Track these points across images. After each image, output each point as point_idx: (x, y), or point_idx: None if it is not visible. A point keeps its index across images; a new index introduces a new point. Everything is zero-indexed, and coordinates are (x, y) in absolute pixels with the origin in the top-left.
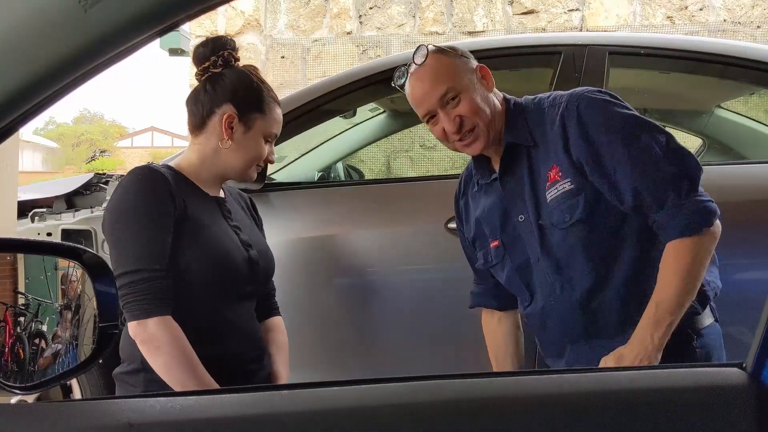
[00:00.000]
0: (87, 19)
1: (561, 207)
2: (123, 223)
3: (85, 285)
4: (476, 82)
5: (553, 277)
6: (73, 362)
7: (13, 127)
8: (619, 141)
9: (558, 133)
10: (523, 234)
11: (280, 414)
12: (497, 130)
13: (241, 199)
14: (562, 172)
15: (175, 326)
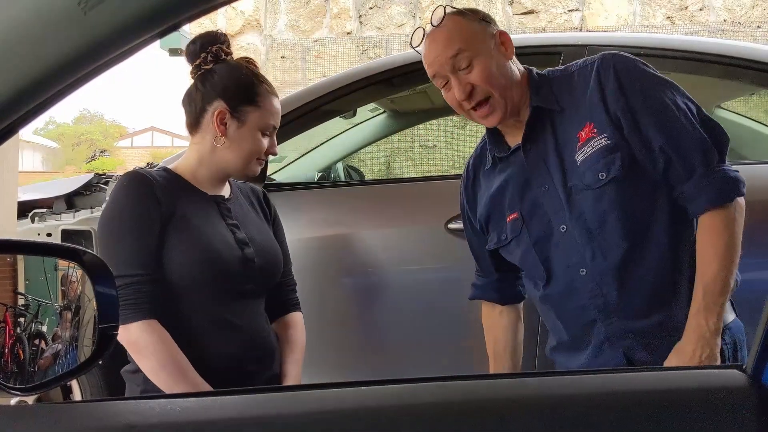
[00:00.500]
0: (86, 21)
1: (596, 165)
2: (108, 230)
3: (85, 286)
4: (493, 48)
5: (584, 244)
6: (73, 363)
7: (13, 129)
8: (653, 99)
9: (594, 90)
10: (547, 203)
11: (280, 416)
12: (514, 101)
13: (252, 195)
14: (597, 128)
15: (160, 330)
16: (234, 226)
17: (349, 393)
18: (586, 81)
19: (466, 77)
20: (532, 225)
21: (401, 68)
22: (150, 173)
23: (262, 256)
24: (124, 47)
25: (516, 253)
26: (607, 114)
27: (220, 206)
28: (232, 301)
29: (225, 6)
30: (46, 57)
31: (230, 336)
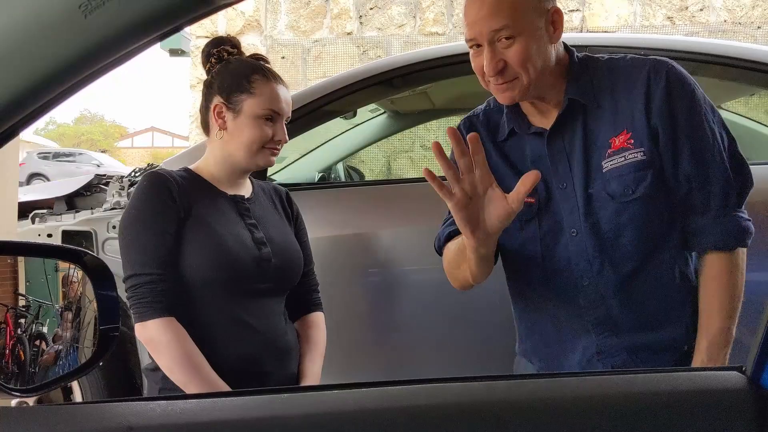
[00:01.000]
0: (87, 24)
1: (625, 178)
2: (126, 230)
3: (86, 287)
4: (542, 27)
5: (594, 255)
6: (74, 365)
7: (14, 131)
8: (696, 123)
9: (640, 97)
10: (561, 202)
11: (280, 417)
12: (542, 85)
13: (275, 195)
14: (635, 139)
15: (176, 328)
16: (252, 225)
17: (348, 395)
18: (632, 83)
19: (502, 52)
20: (544, 218)
21: (401, 69)
22: (170, 174)
23: (279, 256)
24: (124, 50)
25: (517, 237)
26: (649, 126)
27: (238, 206)
28: (247, 300)
29: (226, 8)
30: (47, 60)
31: (245, 335)
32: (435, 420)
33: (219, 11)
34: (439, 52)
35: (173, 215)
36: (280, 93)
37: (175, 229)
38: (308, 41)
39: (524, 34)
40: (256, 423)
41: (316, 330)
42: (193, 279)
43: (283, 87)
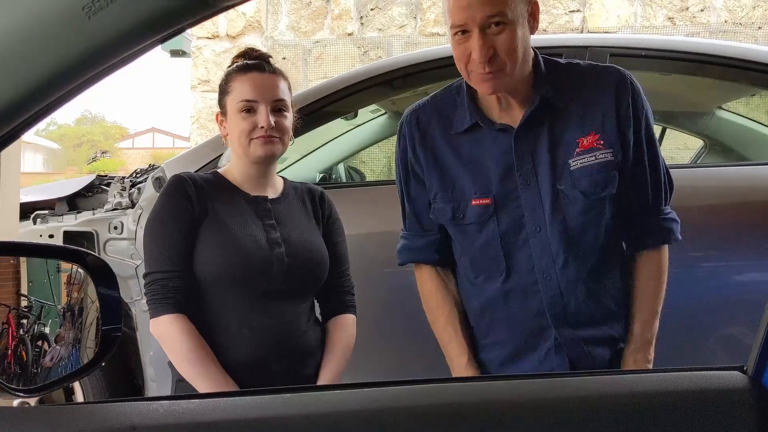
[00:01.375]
0: (90, 26)
1: (595, 177)
2: (145, 229)
3: (88, 288)
4: (526, 17)
5: (558, 251)
6: (76, 365)
7: (17, 133)
8: (651, 131)
9: (610, 103)
10: (524, 199)
11: (281, 417)
12: (518, 79)
13: (307, 195)
14: (604, 141)
15: (185, 324)
16: (270, 226)
17: (349, 395)
18: (599, 89)
19: (493, 39)
20: (502, 216)
21: (402, 70)
22: (191, 176)
23: (295, 257)
24: (127, 51)
25: (475, 238)
26: (618, 130)
27: (259, 206)
28: (258, 300)
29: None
30: (50, 61)
31: (253, 334)
32: (435, 420)
33: (221, 13)
34: (439, 52)
35: (188, 216)
36: (255, 81)
37: (189, 229)
38: (309, 42)
39: (514, 22)
40: (259, 423)
41: (340, 332)
42: (206, 277)
43: (261, 74)
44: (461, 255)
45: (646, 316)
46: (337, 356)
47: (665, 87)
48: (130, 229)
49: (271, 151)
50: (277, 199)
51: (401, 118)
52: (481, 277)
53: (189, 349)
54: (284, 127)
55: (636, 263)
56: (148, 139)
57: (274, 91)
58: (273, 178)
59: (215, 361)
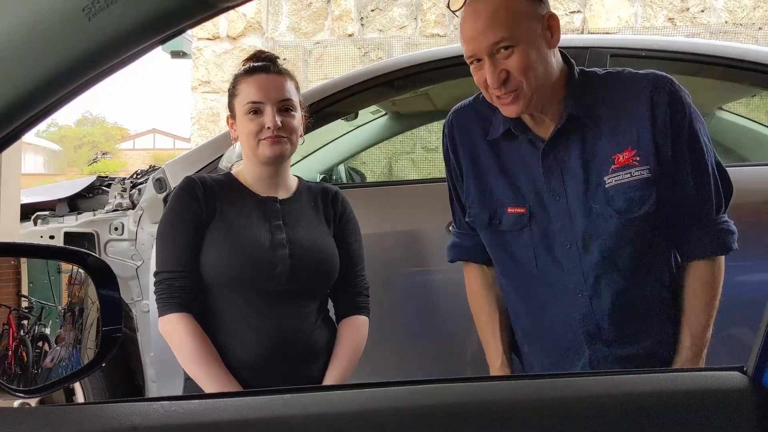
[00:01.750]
0: (90, 27)
1: (630, 194)
2: (158, 231)
3: (89, 289)
4: (539, 33)
5: (591, 269)
6: (77, 366)
7: (17, 134)
8: (694, 139)
9: (645, 116)
10: (554, 214)
11: (282, 418)
12: (544, 95)
13: (320, 195)
14: (640, 157)
15: (189, 323)
16: (277, 227)
17: (350, 395)
18: (634, 100)
19: (503, 63)
20: (536, 227)
21: (403, 70)
22: (201, 178)
23: (300, 258)
24: (127, 52)
25: (510, 246)
26: (654, 144)
27: (268, 207)
28: (263, 301)
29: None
30: (50, 62)
31: (257, 334)
32: (436, 420)
33: (222, 14)
34: (440, 53)
35: (195, 217)
36: (261, 83)
37: (196, 230)
38: (309, 43)
39: (522, 42)
40: (259, 423)
41: (349, 333)
42: (212, 278)
43: (267, 76)
44: (497, 263)
45: (695, 329)
46: (344, 358)
47: None
48: (131, 230)
49: (279, 152)
50: (288, 200)
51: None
52: (516, 285)
53: (193, 347)
54: (292, 127)
55: (686, 274)
56: (148, 140)
57: (280, 91)
58: (285, 178)
59: (219, 360)
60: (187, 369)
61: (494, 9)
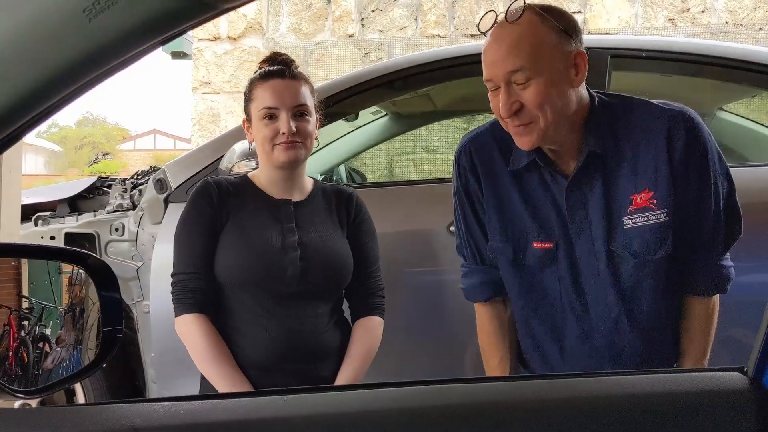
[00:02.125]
0: (91, 28)
1: (647, 237)
2: (175, 233)
3: (89, 289)
4: (563, 70)
5: (613, 303)
6: (77, 366)
7: (18, 135)
8: (706, 177)
9: (662, 153)
10: (580, 250)
11: (283, 418)
12: (562, 130)
13: (335, 197)
14: (657, 200)
15: (203, 323)
16: (289, 230)
17: (351, 396)
18: (652, 137)
19: (518, 94)
20: (562, 261)
21: (403, 71)
22: (217, 181)
23: (310, 260)
24: (128, 53)
25: (534, 280)
26: (672, 185)
27: (281, 210)
28: (275, 303)
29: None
30: (51, 64)
31: (270, 335)
32: (437, 421)
33: (222, 15)
34: (440, 54)
35: (209, 220)
36: (276, 88)
37: (210, 232)
38: (310, 44)
39: (542, 76)
40: (260, 424)
41: (363, 334)
42: (225, 279)
43: (282, 81)
44: (517, 296)
45: (693, 355)
46: (357, 358)
47: (666, 88)
48: (132, 230)
49: (294, 157)
50: (302, 202)
51: (458, 146)
52: (539, 315)
53: (205, 347)
54: (306, 132)
55: (685, 303)
56: (149, 141)
57: (295, 96)
58: (300, 180)
59: (231, 359)
60: (200, 367)
61: (518, 37)
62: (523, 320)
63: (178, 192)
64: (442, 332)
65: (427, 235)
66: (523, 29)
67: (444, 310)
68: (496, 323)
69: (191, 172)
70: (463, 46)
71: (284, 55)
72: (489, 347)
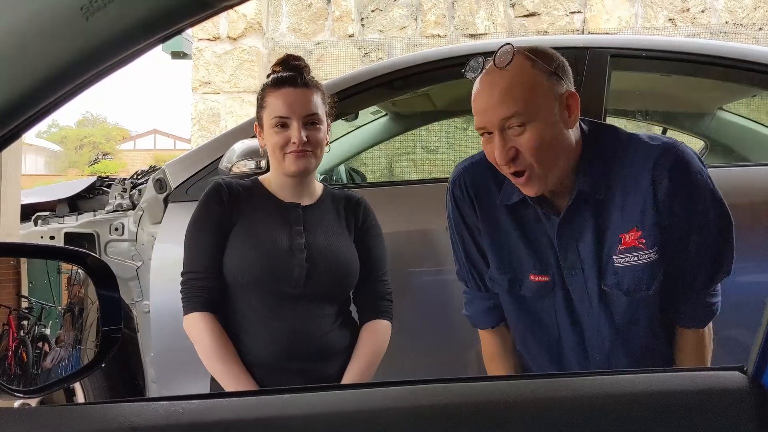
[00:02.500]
0: (89, 26)
1: (639, 276)
2: (186, 233)
3: (89, 289)
4: (556, 111)
5: (606, 335)
6: (77, 366)
7: (17, 134)
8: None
9: (648, 193)
10: (573, 286)
11: (282, 417)
12: (562, 171)
13: (344, 203)
14: (646, 239)
15: (210, 322)
16: (297, 232)
17: (350, 395)
18: (639, 176)
19: (513, 140)
20: (559, 294)
21: (403, 71)
22: (228, 183)
23: (317, 263)
24: (126, 52)
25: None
26: (658, 224)
27: (290, 213)
28: (281, 303)
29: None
30: (49, 62)
31: (275, 335)
32: (436, 420)
33: (220, 14)
34: (440, 54)
35: (219, 221)
36: (288, 98)
37: (220, 233)
38: (310, 44)
39: (536, 120)
40: (259, 423)
41: (369, 336)
42: (233, 279)
43: (294, 90)
44: (515, 324)
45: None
46: (362, 359)
47: (666, 88)
48: (131, 230)
49: (305, 166)
50: (311, 206)
51: (452, 176)
52: (537, 343)
53: (212, 345)
54: (317, 141)
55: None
56: (149, 141)
57: (306, 106)
58: (310, 185)
59: (236, 357)
60: (207, 366)
61: (509, 83)
62: (523, 345)
63: (178, 192)
64: (443, 332)
65: (426, 235)
66: (513, 74)
67: (444, 309)
68: (502, 348)
69: (191, 171)
70: (463, 45)
71: (298, 60)
72: (495, 371)
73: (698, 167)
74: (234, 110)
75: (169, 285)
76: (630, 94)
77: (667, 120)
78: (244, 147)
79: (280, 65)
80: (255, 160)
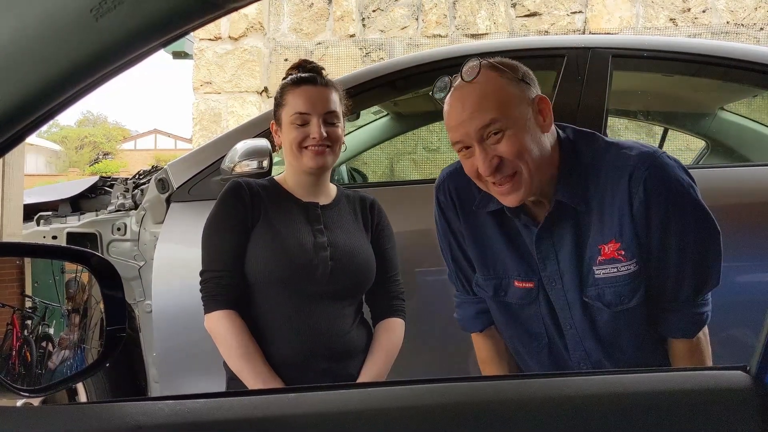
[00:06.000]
0: (98, 27)
1: (619, 288)
2: (203, 231)
3: (93, 288)
4: (530, 117)
5: (590, 347)
6: (81, 366)
7: (23, 135)
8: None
9: (624, 205)
10: (554, 297)
11: (287, 416)
12: (543, 178)
13: (358, 203)
14: (625, 251)
15: (234, 320)
16: (318, 231)
17: (354, 394)
18: (615, 188)
19: (495, 148)
20: (543, 300)
21: (404, 71)
22: (247, 182)
23: (339, 260)
24: (135, 53)
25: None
26: (636, 236)
27: (309, 212)
28: (304, 301)
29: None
30: (57, 63)
31: (299, 333)
32: (438, 420)
33: (229, 14)
34: (441, 53)
35: (241, 219)
36: (308, 94)
37: (241, 231)
38: (311, 44)
39: (514, 125)
40: (263, 422)
41: (385, 334)
42: (256, 277)
43: (314, 87)
44: (504, 329)
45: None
46: (380, 358)
47: (667, 88)
48: (133, 230)
49: (323, 163)
50: (328, 206)
51: (437, 180)
52: (523, 351)
53: (236, 344)
54: (336, 137)
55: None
56: (150, 141)
57: (326, 103)
58: (326, 185)
59: (262, 356)
60: (231, 364)
61: (481, 93)
62: (513, 349)
63: (180, 191)
64: (443, 332)
65: (427, 235)
66: (483, 85)
67: (444, 309)
68: (494, 351)
69: (193, 171)
70: (464, 45)
71: (314, 63)
72: (489, 374)
73: (677, 177)
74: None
75: (171, 285)
76: (631, 94)
77: (669, 120)
78: (246, 147)
79: (296, 68)
80: (257, 160)
